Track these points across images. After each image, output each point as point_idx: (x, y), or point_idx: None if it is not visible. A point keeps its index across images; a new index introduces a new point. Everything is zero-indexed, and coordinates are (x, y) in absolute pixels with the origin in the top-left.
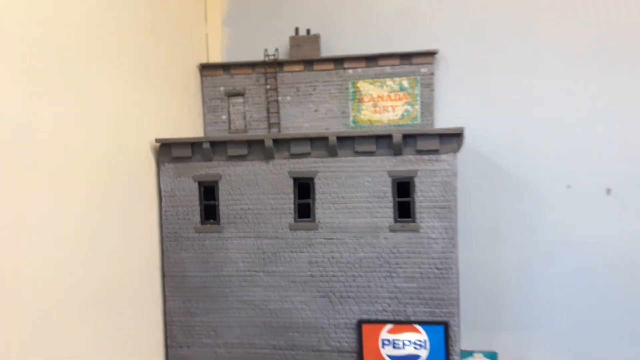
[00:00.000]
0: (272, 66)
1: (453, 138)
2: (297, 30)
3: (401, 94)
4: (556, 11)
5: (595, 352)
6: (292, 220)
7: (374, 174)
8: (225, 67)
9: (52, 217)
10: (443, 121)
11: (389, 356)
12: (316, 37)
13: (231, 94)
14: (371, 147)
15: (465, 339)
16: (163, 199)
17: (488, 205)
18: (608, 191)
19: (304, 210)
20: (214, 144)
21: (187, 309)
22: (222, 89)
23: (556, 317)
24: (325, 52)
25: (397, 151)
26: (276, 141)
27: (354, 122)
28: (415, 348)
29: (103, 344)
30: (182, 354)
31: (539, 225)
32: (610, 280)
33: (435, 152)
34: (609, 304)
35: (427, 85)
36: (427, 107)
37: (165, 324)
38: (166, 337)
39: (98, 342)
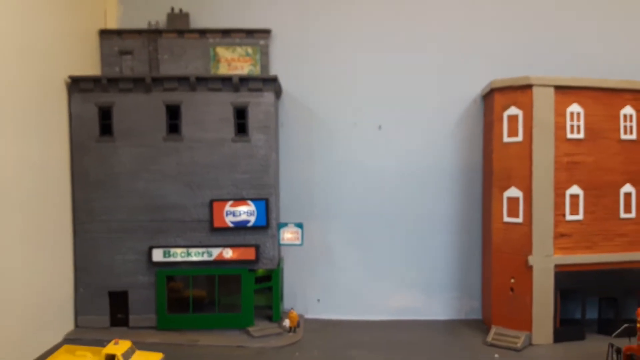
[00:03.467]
0: (154, 33)
1: (271, 82)
2: (172, 9)
3: (247, 57)
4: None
5: (365, 233)
6: (165, 134)
7: (221, 104)
8: (119, 33)
9: None
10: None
11: (231, 222)
12: (186, 15)
13: (123, 52)
14: (219, 85)
15: (285, 219)
16: (73, 119)
17: (302, 134)
18: (379, 127)
19: (173, 127)
20: (110, 80)
21: (89, 197)
22: (116, 48)
23: (345, 212)
24: (193, 26)
25: (236, 89)
26: (154, 79)
27: None
28: (247, 215)
29: (23, 230)
30: (86, 228)
31: (335, 150)
32: (380, 187)
33: (260, 90)
34: (378, 203)
35: (264, 52)
36: (265, 67)
37: (73, 208)
38: (74, 217)
39: (19, 229)
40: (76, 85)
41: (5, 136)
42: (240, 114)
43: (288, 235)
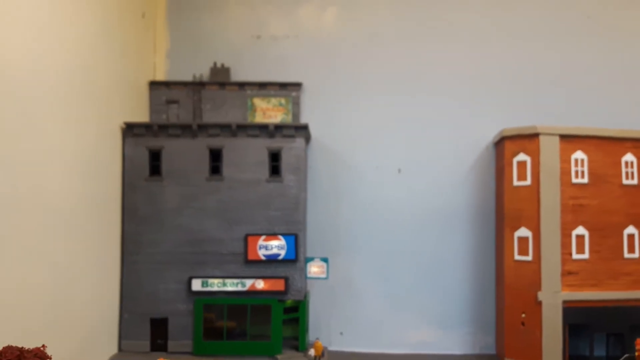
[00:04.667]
0: (198, 85)
1: (302, 129)
2: (215, 63)
3: (280, 107)
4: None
5: (386, 269)
6: (208, 175)
7: (258, 148)
8: (167, 84)
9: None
10: None
11: (263, 255)
12: (227, 69)
13: (170, 102)
14: (256, 132)
15: (311, 255)
16: (126, 160)
17: (328, 176)
18: (399, 170)
19: (215, 169)
20: (160, 126)
21: (137, 230)
22: (164, 98)
23: (369, 248)
24: (233, 79)
25: (271, 135)
26: (199, 126)
27: None
28: (278, 249)
29: (79, 259)
30: (133, 259)
31: (358, 191)
32: (400, 226)
33: (292, 136)
34: (398, 241)
35: (296, 103)
36: (296, 116)
37: (123, 240)
38: (122, 249)
39: (77, 259)
40: (130, 130)
41: (67, 175)
42: (275, 157)
43: (314, 269)
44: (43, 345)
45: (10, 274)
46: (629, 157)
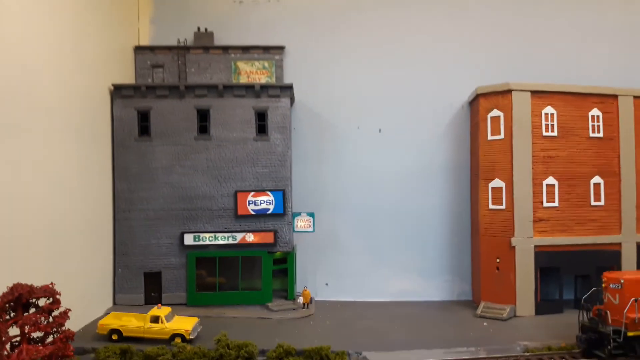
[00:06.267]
0: (182, 49)
1: (287, 89)
2: (198, 28)
3: (264, 70)
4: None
5: (369, 224)
6: (196, 134)
7: (244, 108)
8: (152, 49)
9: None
10: None
11: (253, 210)
12: (211, 33)
13: (155, 66)
14: (242, 92)
15: (298, 210)
16: (115, 121)
17: (312, 136)
18: (380, 130)
19: (203, 129)
20: (148, 87)
21: (129, 188)
22: (148, 62)
23: (352, 204)
24: (217, 43)
25: (257, 95)
26: (187, 87)
27: None
28: (266, 204)
29: (72, 218)
30: (126, 216)
31: (341, 150)
32: (381, 183)
33: (278, 96)
34: (379, 197)
35: (279, 66)
36: (279, 79)
37: (114, 198)
38: (114, 206)
39: (69, 217)
40: (118, 92)
41: (57, 137)
42: (261, 117)
43: (301, 223)
44: (51, 283)
45: (12, 231)
46: (595, 111)
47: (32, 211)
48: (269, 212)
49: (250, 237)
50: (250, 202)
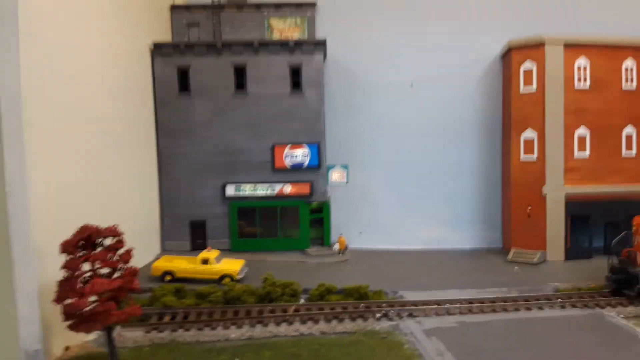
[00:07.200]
0: (217, 8)
1: (321, 45)
2: None
3: (296, 27)
4: None
5: (400, 176)
6: (233, 91)
7: (279, 64)
8: (187, 8)
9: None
10: None
11: (289, 163)
12: None
13: (190, 25)
14: (277, 49)
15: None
16: (156, 78)
17: (344, 92)
18: (411, 85)
19: (240, 85)
20: (187, 45)
21: (171, 143)
22: (184, 21)
23: (384, 158)
24: (250, 1)
25: (291, 51)
26: (224, 44)
27: None
28: (302, 157)
29: (121, 170)
30: (170, 169)
31: (372, 105)
32: (412, 136)
33: (311, 52)
34: (411, 150)
35: (311, 22)
36: (311, 35)
37: (158, 152)
38: (159, 160)
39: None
40: (158, 50)
41: (103, 93)
42: (295, 73)
43: (336, 175)
44: (115, 225)
45: (66, 178)
46: (628, 63)
47: (84, 164)
48: (305, 164)
49: (287, 189)
50: (287, 155)
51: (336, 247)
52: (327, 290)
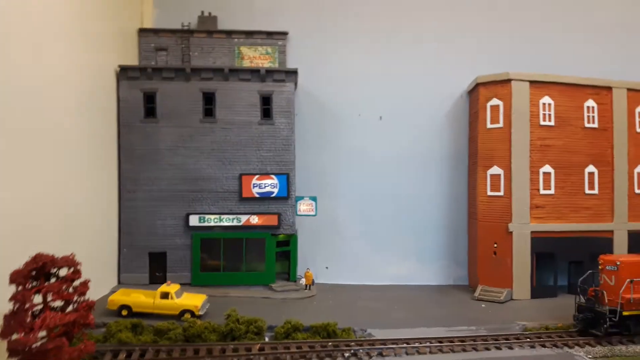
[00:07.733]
0: (186, 33)
1: (292, 74)
2: (202, 12)
3: (267, 56)
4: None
5: (368, 209)
6: (201, 117)
7: (250, 92)
8: (156, 32)
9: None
10: None
11: (257, 192)
12: (214, 17)
13: (158, 49)
14: (248, 76)
15: (299, 194)
16: (121, 102)
17: (314, 123)
18: (380, 117)
19: (208, 111)
20: (154, 69)
21: (134, 169)
22: (152, 45)
23: (352, 190)
24: (220, 27)
25: (262, 79)
26: (193, 70)
27: None
28: (271, 187)
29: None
30: (131, 196)
31: (342, 136)
32: (381, 169)
33: (282, 80)
34: (379, 183)
35: (282, 51)
36: (282, 64)
37: (119, 178)
38: (119, 186)
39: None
40: (124, 73)
41: (64, 116)
42: (266, 101)
43: (304, 207)
44: (72, 254)
45: (23, 207)
46: (590, 102)
47: (39, 190)
48: (273, 195)
49: (254, 219)
50: (255, 185)
51: (302, 281)
52: (293, 328)
